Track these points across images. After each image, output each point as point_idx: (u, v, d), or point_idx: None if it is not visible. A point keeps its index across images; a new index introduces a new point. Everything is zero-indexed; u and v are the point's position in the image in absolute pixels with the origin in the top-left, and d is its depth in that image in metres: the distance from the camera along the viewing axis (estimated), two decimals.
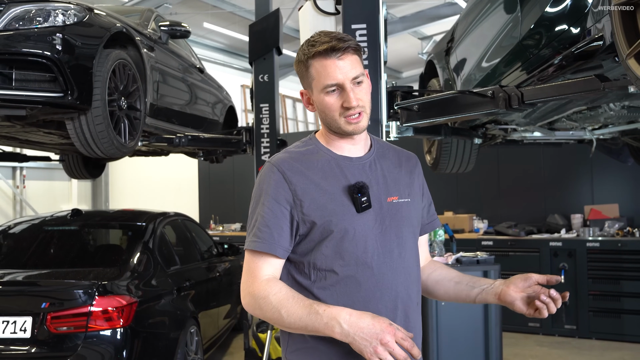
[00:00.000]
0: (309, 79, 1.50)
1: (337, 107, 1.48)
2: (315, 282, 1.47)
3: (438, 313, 4.02)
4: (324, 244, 1.46)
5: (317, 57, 1.46)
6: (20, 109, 3.28)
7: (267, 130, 5.44)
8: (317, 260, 1.46)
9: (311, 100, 1.55)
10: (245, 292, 1.47)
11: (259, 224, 1.47)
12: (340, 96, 1.48)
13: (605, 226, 6.31)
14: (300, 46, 1.54)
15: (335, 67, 1.45)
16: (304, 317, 1.35)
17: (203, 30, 11.60)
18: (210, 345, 4.94)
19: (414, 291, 1.56)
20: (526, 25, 2.76)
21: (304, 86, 1.55)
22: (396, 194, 1.56)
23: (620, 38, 1.86)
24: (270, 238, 1.45)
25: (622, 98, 3.10)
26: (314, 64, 1.47)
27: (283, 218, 1.46)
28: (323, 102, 1.49)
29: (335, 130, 1.53)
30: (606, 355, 5.51)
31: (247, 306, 1.47)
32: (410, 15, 11.63)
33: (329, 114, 1.50)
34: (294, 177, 1.48)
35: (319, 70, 1.47)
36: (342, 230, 1.46)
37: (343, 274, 1.46)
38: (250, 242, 1.48)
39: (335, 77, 1.45)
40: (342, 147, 1.56)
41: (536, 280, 1.55)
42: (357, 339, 1.30)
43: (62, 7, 3.36)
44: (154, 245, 4.25)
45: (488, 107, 2.90)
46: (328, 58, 1.45)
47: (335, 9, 3.91)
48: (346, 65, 1.46)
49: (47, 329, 3.33)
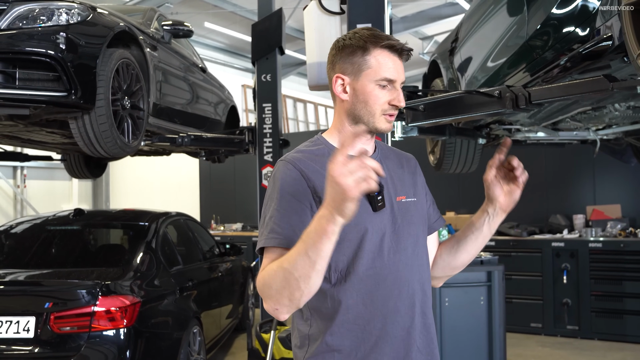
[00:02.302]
0: (363, 65, 1.47)
1: (383, 102, 1.48)
2: (335, 285, 1.45)
3: (442, 313, 4.02)
4: (344, 244, 1.43)
5: (384, 48, 1.47)
6: (24, 108, 3.27)
7: (269, 130, 5.43)
8: (338, 261, 1.44)
9: (347, 88, 1.50)
10: (257, 285, 1.40)
11: (277, 220, 1.40)
12: (390, 93, 1.49)
13: (608, 227, 6.31)
14: (351, 34, 1.52)
15: (397, 64, 1.48)
16: (301, 247, 1.25)
17: (204, 30, 11.58)
18: (212, 345, 4.93)
19: (428, 288, 1.57)
20: (533, 25, 2.75)
21: (345, 72, 1.50)
22: (403, 193, 1.57)
23: (631, 38, 1.85)
24: (291, 233, 1.37)
25: (628, 98, 3.09)
26: (379, 53, 1.47)
27: (303, 215, 1.40)
28: (372, 92, 1.48)
29: (365, 124, 1.51)
30: (608, 356, 5.51)
31: (262, 294, 1.37)
32: (411, 15, 11.63)
33: (372, 105, 1.48)
34: (312, 174, 1.45)
35: (380, 61, 1.46)
36: (362, 230, 1.44)
37: (363, 273, 1.45)
38: (268, 239, 1.40)
39: (395, 74, 1.48)
40: (354, 146, 1.55)
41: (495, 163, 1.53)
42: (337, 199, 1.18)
43: (65, 6, 3.35)
44: (156, 245, 4.24)
45: (495, 107, 2.89)
46: (394, 54, 1.48)
47: (341, 8, 3.90)
48: (402, 67, 1.50)
49: (50, 329, 3.32)
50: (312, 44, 4.14)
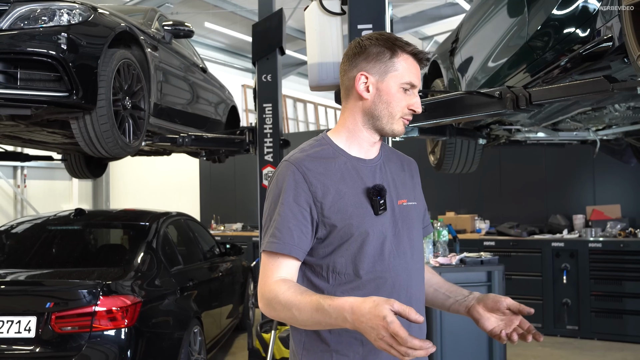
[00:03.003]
0: (390, 68, 1.52)
1: (404, 106, 1.53)
2: (334, 286, 1.46)
3: (442, 313, 4.02)
4: (344, 247, 1.46)
5: (411, 54, 1.54)
6: (25, 109, 3.27)
7: (270, 130, 5.43)
8: (337, 263, 1.46)
9: (370, 87, 1.53)
10: (259, 295, 1.45)
11: (278, 225, 1.44)
12: (409, 97, 1.54)
13: (607, 227, 6.32)
14: (377, 36, 1.57)
15: (418, 72, 1.56)
16: (314, 315, 1.32)
17: (204, 30, 11.59)
18: (213, 345, 4.94)
19: (423, 292, 1.60)
20: (533, 26, 2.76)
21: (371, 71, 1.53)
22: (405, 196, 1.58)
23: (631, 39, 1.86)
24: (290, 239, 1.43)
25: (628, 99, 3.10)
26: (405, 58, 1.53)
27: (303, 219, 1.44)
28: (395, 94, 1.52)
29: (381, 125, 1.54)
30: (608, 356, 5.52)
31: (263, 308, 1.45)
32: (411, 16, 11.64)
33: (394, 108, 1.52)
34: (314, 178, 1.47)
35: (406, 67, 1.52)
36: (363, 234, 1.46)
37: (363, 276, 1.46)
38: (268, 243, 1.45)
39: (417, 80, 1.55)
40: (360, 147, 1.56)
41: (507, 306, 1.51)
42: (361, 327, 1.25)
43: (67, 7, 3.35)
44: (157, 245, 4.25)
45: (495, 107, 2.90)
46: (418, 61, 1.55)
47: (341, 9, 3.91)
48: (420, 75, 1.57)
49: (51, 329, 3.32)
50: (313, 44, 4.15)
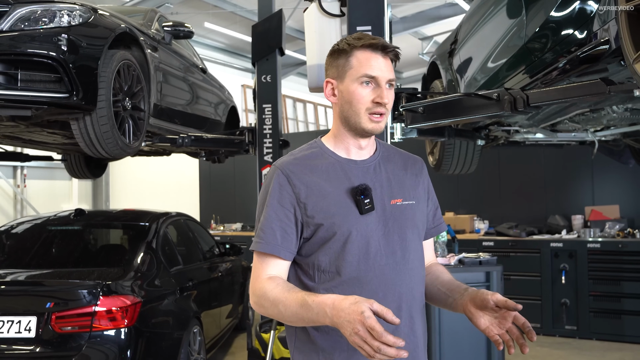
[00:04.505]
0: (346, 67, 1.52)
1: (367, 101, 1.50)
2: (319, 284, 1.49)
3: (441, 314, 4.03)
4: (327, 245, 1.48)
5: (364, 48, 1.50)
6: (26, 110, 3.28)
7: (269, 130, 5.44)
8: (321, 261, 1.49)
9: (335, 91, 1.55)
10: (250, 292, 1.52)
11: (263, 226, 1.51)
12: (373, 91, 1.50)
13: (606, 227, 6.33)
14: (341, 40, 1.58)
15: (379, 62, 1.50)
16: (299, 311, 1.37)
17: (204, 30, 11.60)
18: (212, 345, 4.95)
19: (418, 292, 1.57)
20: (531, 28, 2.77)
21: (332, 75, 1.55)
22: (400, 196, 1.57)
23: (627, 42, 1.87)
24: (273, 240, 1.49)
25: (626, 101, 3.11)
26: (359, 53, 1.50)
27: (287, 220, 1.49)
28: (354, 92, 1.50)
29: (353, 126, 1.54)
30: (607, 356, 5.53)
31: (253, 305, 1.52)
32: (410, 16, 11.65)
33: (356, 105, 1.51)
34: (298, 180, 1.51)
35: (361, 60, 1.50)
36: (346, 232, 1.48)
37: (346, 275, 1.48)
38: (254, 244, 1.52)
39: (377, 70, 1.49)
40: (349, 149, 1.57)
41: (495, 303, 1.44)
42: (339, 322, 1.27)
43: (67, 8, 3.36)
44: (157, 245, 4.26)
45: (493, 109, 2.91)
46: (375, 52, 1.50)
47: (341, 10, 3.92)
48: (387, 65, 1.52)
49: (51, 329, 3.33)
50: (312, 46, 4.16)
